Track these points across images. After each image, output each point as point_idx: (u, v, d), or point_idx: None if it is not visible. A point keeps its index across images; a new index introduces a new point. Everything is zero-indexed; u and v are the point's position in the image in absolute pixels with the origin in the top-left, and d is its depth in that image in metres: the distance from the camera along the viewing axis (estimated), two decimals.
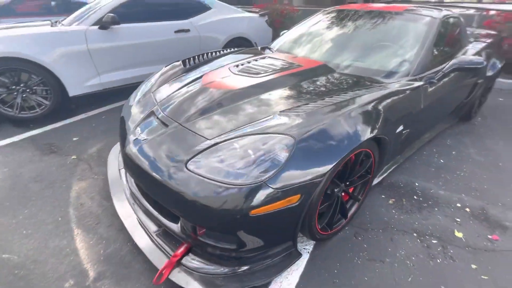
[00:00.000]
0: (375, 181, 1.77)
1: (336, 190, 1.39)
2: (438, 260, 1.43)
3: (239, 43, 4.27)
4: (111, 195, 1.71)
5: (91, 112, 3.18)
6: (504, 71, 3.46)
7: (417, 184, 2.02)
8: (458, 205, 1.83)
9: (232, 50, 2.54)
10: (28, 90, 2.79)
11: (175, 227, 1.30)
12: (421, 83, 1.75)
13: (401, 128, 1.60)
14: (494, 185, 2.03)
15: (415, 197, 1.90)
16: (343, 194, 1.47)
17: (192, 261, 1.28)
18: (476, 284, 1.32)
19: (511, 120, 3.11)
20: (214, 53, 2.43)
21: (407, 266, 1.40)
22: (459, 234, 1.59)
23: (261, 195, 1.06)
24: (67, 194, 1.88)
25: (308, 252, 1.45)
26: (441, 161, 2.32)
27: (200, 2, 3.92)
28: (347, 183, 1.45)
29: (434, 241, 1.54)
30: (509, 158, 2.38)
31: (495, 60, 2.75)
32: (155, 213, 1.41)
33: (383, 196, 1.90)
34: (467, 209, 1.79)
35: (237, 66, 1.96)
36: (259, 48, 2.70)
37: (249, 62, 2.01)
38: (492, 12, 4.33)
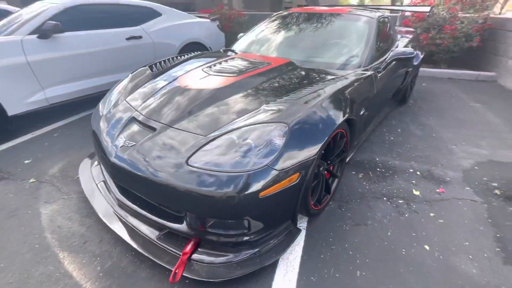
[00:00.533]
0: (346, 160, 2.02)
1: (321, 168, 1.57)
2: (406, 215, 1.73)
3: (194, 48, 4.28)
4: (96, 211, 1.61)
5: (39, 131, 2.85)
6: (424, 61, 4.21)
7: (377, 159, 2.36)
8: (411, 170, 2.21)
9: (195, 54, 2.58)
10: None
11: (181, 226, 1.32)
12: (371, 72, 2.07)
13: (363, 110, 1.88)
14: (432, 152, 2.49)
15: (378, 169, 2.22)
16: (326, 172, 1.67)
17: (203, 255, 1.31)
18: (436, 227, 1.64)
19: (435, 100, 3.81)
20: (178, 58, 2.44)
21: (385, 224, 1.66)
22: (416, 192, 1.94)
23: (267, 178, 1.16)
24: (37, 219, 1.69)
25: (304, 229, 1.60)
26: (391, 138, 2.74)
27: (149, 8, 3.82)
28: (328, 161, 1.65)
29: (400, 201, 1.85)
30: (439, 129, 2.93)
31: (418, 51, 3.35)
32: (154, 218, 1.39)
33: (353, 172, 2.18)
34: (418, 173, 2.17)
35: (210, 67, 2.03)
36: (221, 50, 2.79)
37: (220, 64, 2.10)
38: (407, 13, 5.19)
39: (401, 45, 2.97)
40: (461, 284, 1.30)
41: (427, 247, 1.50)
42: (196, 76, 1.89)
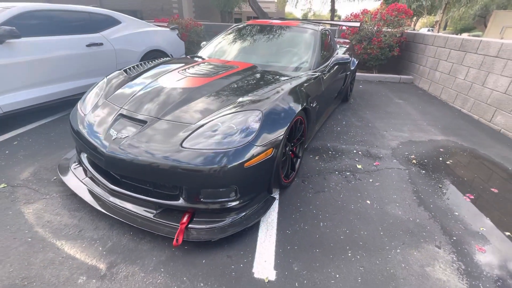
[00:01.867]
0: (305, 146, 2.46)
1: (287, 148, 1.95)
2: (353, 182, 2.22)
3: (155, 56, 4.41)
4: (89, 203, 1.72)
5: None
6: (359, 67, 5.04)
7: (328, 145, 2.87)
8: (354, 151, 2.76)
9: (165, 60, 2.79)
10: None
11: (178, 202, 1.54)
12: (319, 73, 2.57)
13: (315, 103, 2.34)
14: (369, 137, 3.11)
15: (329, 152, 2.72)
16: (290, 153, 2.06)
17: (198, 224, 1.56)
18: (374, 188, 2.15)
19: (370, 99, 4.61)
20: (149, 63, 2.63)
21: (338, 190, 2.11)
22: (359, 166, 2.46)
23: (249, 152, 1.49)
24: (21, 219, 1.71)
25: (277, 199, 1.96)
26: (338, 128, 3.32)
27: (108, 16, 3.86)
28: (292, 144, 2.05)
29: (348, 173, 2.35)
30: (373, 120, 3.63)
31: (353, 59, 4.07)
32: (154, 199, 1.58)
33: (311, 156, 2.63)
34: (360, 152, 2.73)
35: (185, 70, 2.28)
36: (188, 57, 3.04)
37: (193, 67, 2.37)
38: (343, 27, 6.10)
39: (341, 53, 3.61)
40: (392, 222, 1.80)
41: (368, 201, 1.99)
42: (175, 77, 2.13)
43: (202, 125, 1.58)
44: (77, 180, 1.91)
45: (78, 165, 2.06)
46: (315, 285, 1.35)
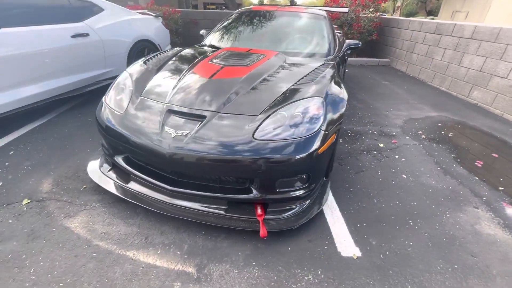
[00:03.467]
0: None
1: None
2: (383, 160, 2.39)
3: (143, 46, 4.08)
4: (148, 208, 1.61)
5: None
6: None
7: (345, 127, 3.01)
8: (370, 132, 2.94)
9: (178, 49, 2.59)
10: None
11: (252, 195, 1.53)
12: (338, 59, 2.65)
13: None
14: (376, 117, 3.33)
15: (349, 134, 2.86)
16: None
17: (273, 214, 1.57)
18: (403, 163, 2.35)
19: (359, 82, 4.87)
20: (163, 53, 2.45)
21: (374, 168, 2.26)
22: (381, 145, 2.65)
23: (321, 137, 1.51)
24: (70, 234, 1.54)
25: None
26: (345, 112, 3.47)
27: (90, 2, 3.43)
28: None
29: (375, 152, 2.51)
30: (372, 102, 3.87)
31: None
32: (224, 195, 1.54)
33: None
34: (375, 132, 2.93)
35: (214, 60, 2.17)
36: (196, 46, 2.89)
37: (220, 57, 2.25)
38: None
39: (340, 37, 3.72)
40: (431, 191, 2.00)
41: (404, 176, 2.18)
42: (210, 68, 2.02)
43: (268, 116, 1.56)
44: (120, 187, 1.76)
45: (110, 169, 1.90)
46: (396, 255, 1.48)
